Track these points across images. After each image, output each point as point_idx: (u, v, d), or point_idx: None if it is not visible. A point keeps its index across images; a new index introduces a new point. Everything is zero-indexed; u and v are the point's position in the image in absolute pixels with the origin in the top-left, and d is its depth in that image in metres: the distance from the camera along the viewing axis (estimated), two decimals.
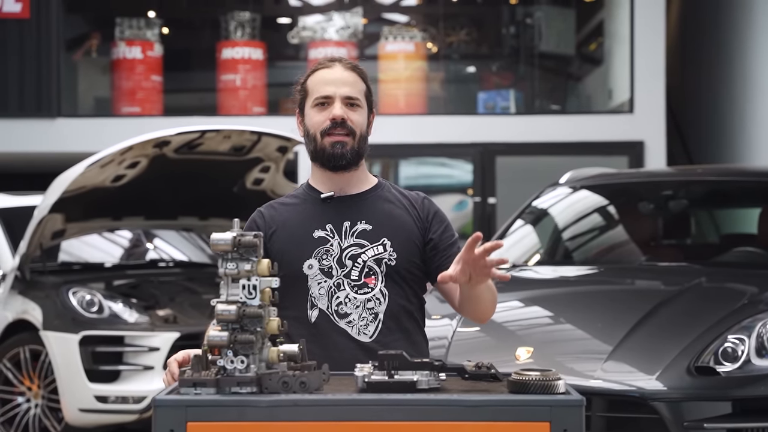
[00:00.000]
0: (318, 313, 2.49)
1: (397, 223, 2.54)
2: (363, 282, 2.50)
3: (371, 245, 2.51)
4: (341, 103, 2.52)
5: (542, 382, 2.04)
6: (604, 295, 4.61)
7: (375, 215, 2.54)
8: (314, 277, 2.49)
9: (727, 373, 3.74)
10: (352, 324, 2.49)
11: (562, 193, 5.60)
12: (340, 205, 2.55)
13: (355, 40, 10.35)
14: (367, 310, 2.49)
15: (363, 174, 2.60)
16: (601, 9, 10.75)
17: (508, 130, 9.77)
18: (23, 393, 6.07)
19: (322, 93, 2.53)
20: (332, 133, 2.51)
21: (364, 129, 2.56)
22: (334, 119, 2.51)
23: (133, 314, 5.98)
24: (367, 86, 2.59)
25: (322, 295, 2.49)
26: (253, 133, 6.19)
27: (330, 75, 2.55)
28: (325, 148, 2.52)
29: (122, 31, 10.17)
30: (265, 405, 2.00)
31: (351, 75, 2.55)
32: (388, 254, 2.51)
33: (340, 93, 2.53)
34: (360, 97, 2.55)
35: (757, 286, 4.32)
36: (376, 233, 2.52)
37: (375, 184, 2.62)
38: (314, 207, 2.55)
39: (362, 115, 2.55)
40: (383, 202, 2.57)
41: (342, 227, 2.52)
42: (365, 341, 2.48)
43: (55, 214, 6.06)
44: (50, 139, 9.74)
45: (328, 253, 2.50)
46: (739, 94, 9.32)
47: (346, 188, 2.57)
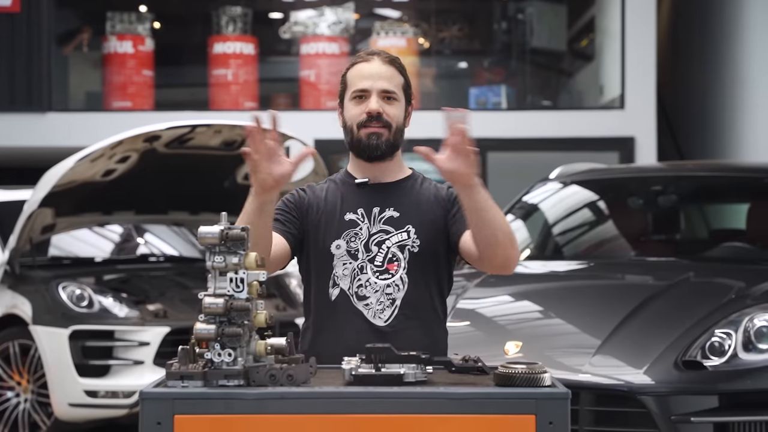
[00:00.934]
0: (339, 292, 2.56)
1: (424, 210, 2.60)
2: (385, 268, 2.55)
3: (396, 231, 2.58)
4: (378, 96, 2.58)
5: (528, 375, 2.06)
6: (594, 289, 4.63)
7: (403, 203, 2.61)
8: (340, 258, 2.56)
9: (714, 368, 3.76)
10: (369, 307, 2.54)
11: (553, 188, 5.61)
12: (372, 191, 2.62)
13: (346, 35, 10.35)
14: (385, 296, 2.54)
15: (397, 165, 2.67)
16: (593, 5, 10.76)
17: (499, 126, 9.79)
18: (12, 388, 6.06)
19: (359, 86, 2.60)
20: (368, 125, 2.58)
21: (401, 121, 2.62)
22: (369, 113, 2.58)
23: (123, 309, 5.97)
24: (405, 79, 2.64)
25: (345, 276, 2.56)
26: (244, 127, 6.18)
27: (368, 69, 2.61)
28: (361, 139, 2.59)
29: (113, 26, 10.16)
30: (252, 398, 2.01)
31: (389, 69, 2.61)
32: (412, 241, 2.57)
33: (376, 87, 2.59)
34: (397, 91, 2.60)
35: (745, 281, 4.35)
36: (402, 220, 2.58)
37: (409, 175, 2.68)
38: (349, 191, 2.63)
39: (399, 108, 2.61)
40: (413, 192, 2.64)
41: (372, 212, 2.60)
42: (380, 325, 2.53)
43: (45, 209, 6.06)
44: (41, 134, 9.72)
45: (356, 236, 2.58)
46: (730, 90, 9.35)
47: (381, 176, 2.64)
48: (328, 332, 2.53)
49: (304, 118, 9.90)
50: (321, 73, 10.14)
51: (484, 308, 4.49)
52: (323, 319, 2.56)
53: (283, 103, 10.73)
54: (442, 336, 2.65)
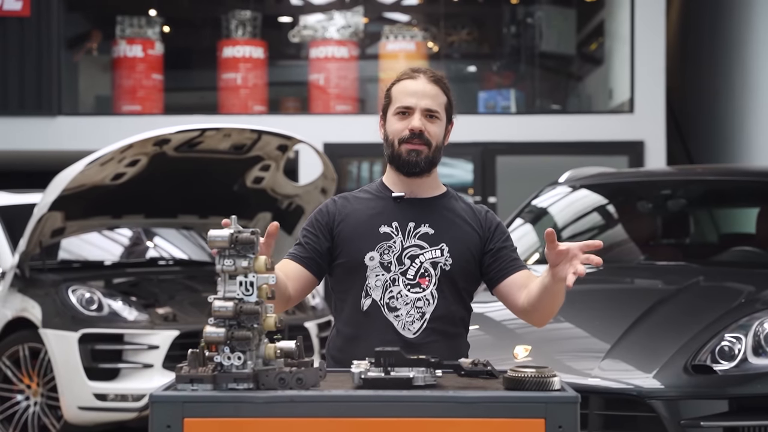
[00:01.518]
0: (370, 302, 2.62)
1: (458, 231, 2.67)
2: (417, 282, 2.62)
3: (430, 248, 2.64)
4: (421, 114, 2.64)
5: (537, 379, 2.06)
6: (603, 293, 4.62)
7: (438, 220, 2.67)
8: (373, 269, 2.63)
9: (723, 372, 3.75)
10: (399, 318, 2.61)
11: (562, 192, 5.61)
12: (408, 206, 2.68)
13: (356, 39, 10.36)
14: (415, 309, 2.61)
15: (434, 181, 2.73)
16: (602, 9, 10.76)
17: (508, 130, 9.79)
18: (22, 391, 6.07)
19: (404, 103, 2.65)
20: (410, 142, 2.64)
21: (441, 140, 2.68)
22: (412, 130, 2.63)
23: (133, 312, 5.98)
24: (448, 99, 2.70)
25: (377, 287, 2.62)
26: (254, 131, 6.20)
27: (413, 86, 2.66)
28: (401, 154, 2.65)
29: (123, 30, 10.19)
30: (261, 401, 2.01)
31: (433, 88, 2.66)
32: (445, 259, 2.63)
33: (421, 105, 2.64)
34: (440, 110, 2.66)
35: (755, 285, 4.33)
36: (436, 237, 2.65)
37: (444, 192, 2.75)
38: (384, 204, 2.69)
39: (440, 127, 2.67)
40: (448, 210, 2.70)
41: (407, 227, 2.65)
42: (409, 337, 2.59)
43: (55, 212, 6.07)
44: (50, 137, 9.75)
45: (390, 249, 2.63)
46: (739, 94, 9.33)
47: (417, 191, 2.70)
48: (359, 340, 2.60)
49: (313, 121, 9.91)
50: (330, 76, 10.16)
51: (493, 312, 4.48)
52: (354, 328, 2.63)
53: (292, 106, 10.75)
54: (465, 350, 2.73)
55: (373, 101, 10.47)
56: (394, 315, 2.61)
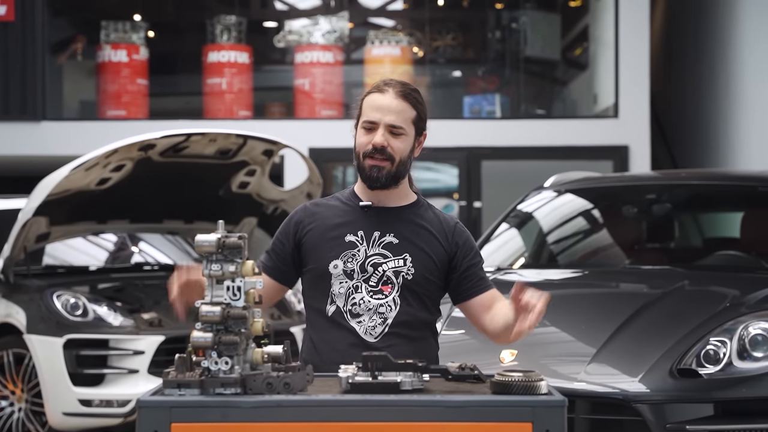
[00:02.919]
0: (335, 309, 2.65)
1: (422, 242, 2.69)
2: (379, 288, 2.65)
3: (393, 257, 2.67)
4: (384, 130, 2.65)
5: (525, 383, 2.06)
6: (588, 298, 4.63)
7: (403, 231, 2.69)
8: (337, 277, 2.66)
9: (709, 376, 3.76)
10: (362, 324, 2.63)
11: (547, 196, 5.62)
12: (375, 215, 2.71)
13: (341, 44, 10.37)
14: (378, 315, 2.64)
15: (403, 190, 2.74)
16: (586, 14, 10.80)
17: (493, 134, 9.81)
18: (6, 397, 6.04)
19: (369, 117, 2.67)
20: (372, 156, 2.65)
21: (405, 154, 2.68)
22: (374, 146, 2.65)
23: (118, 318, 5.96)
24: (418, 112, 2.69)
25: (341, 294, 2.65)
26: (239, 136, 6.19)
27: (380, 101, 2.67)
28: (364, 168, 2.68)
29: (108, 35, 10.16)
30: (249, 406, 2.01)
31: (400, 103, 2.66)
32: (407, 269, 2.66)
33: (385, 121, 2.65)
34: (404, 126, 2.66)
35: (739, 289, 4.35)
36: (400, 247, 2.67)
37: (413, 202, 2.76)
38: (352, 213, 2.71)
39: (405, 142, 2.67)
40: (415, 220, 2.72)
41: (372, 236, 2.68)
42: (370, 341, 2.62)
43: (40, 217, 6.04)
44: (35, 142, 9.71)
45: (354, 258, 2.66)
46: (723, 99, 9.38)
47: (384, 201, 2.72)
48: (324, 344, 2.65)
49: (298, 126, 9.91)
50: (315, 81, 10.16)
51: None
52: (320, 332, 2.67)
53: (277, 111, 10.75)
54: (432, 352, 2.73)
55: None
56: (356, 321, 2.64)
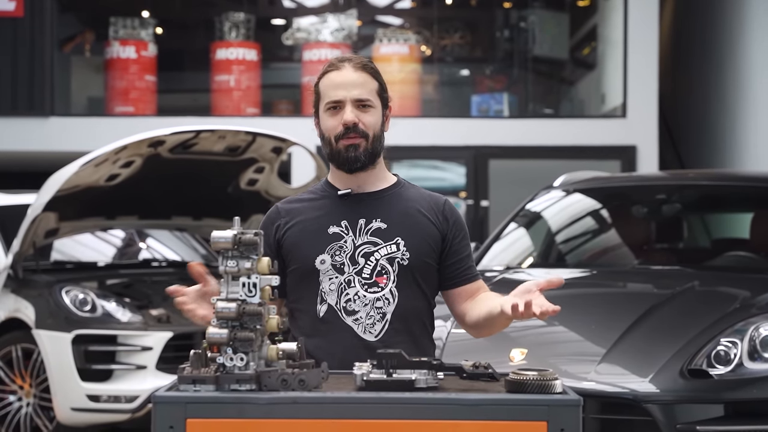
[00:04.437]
0: (326, 308, 2.49)
1: (413, 222, 2.53)
2: (374, 281, 2.48)
3: (385, 244, 2.50)
4: (352, 106, 2.50)
5: (539, 382, 2.06)
6: (598, 297, 4.63)
7: (391, 214, 2.53)
8: (326, 273, 2.49)
9: (719, 376, 3.76)
10: (359, 322, 2.47)
11: (556, 196, 5.61)
12: (356, 202, 2.54)
13: (349, 42, 10.37)
14: (375, 309, 2.48)
15: (381, 172, 2.59)
16: (595, 13, 10.79)
17: (501, 134, 9.80)
18: (15, 392, 6.05)
19: (332, 98, 2.51)
20: (346, 137, 2.50)
21: (378, 128, 2.53)
22: (346, 124, 2.50)
23: (126, 313, 5.97)
24: (379, 83, 2.55)
25: (332, 291, 2.49)
26: (248, 133, 6.19)
27: (339, 77, 2.51)
28: (340, 151, 2.51)
29: (116, 31, 10.17)
30: (264, 402, 2.01)
31: (361, 75, 2.52)
32: (401, 253, 2.49)
33: (350, 96, 2.50)
34: (371, 98, 2.52)
35: (750, 290, 4.35)
36: (390, 232, 2.51)
37: (394, 183, 2.60)
38: (331, 203, 2.55)
39: (375, 115, 2.53)
40: (400, 201, 2.56)
41: (357, 224, 2.52)
42: (370, 340, 2.47)
43: (49, 213, 6.06)
44: (43, 138, 9.73)
45: (341, 250, 2.50)
46: (731, 99, 9.36)
47: (364, 186, 2.56)
48: (318, 348, 2.42)
49: (306, 124, 9.85)
50: None
51: None
52: (312, 337, 2.45)
53: (285, 109, 10.75)
54: (430, 348, 2.59)
55: None
56: (353, 319, 2.47)
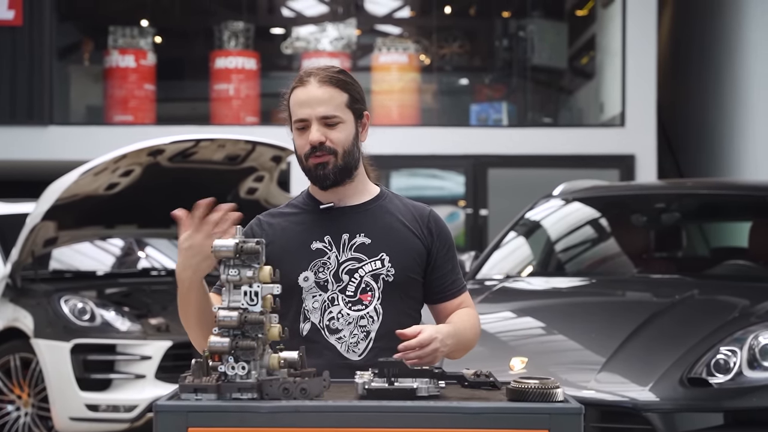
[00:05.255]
0: (310, 326, 2.43)
1: (398, 236, 2.46)
2: (358, 298, 2.42)
3: (369, 260, 2.43)
4: (318, 124, 2.42)
5: (541, 390, 2.05)
6: (598, 306, 4.63)
7: (374, 228, 2.46)
8: (309, 290, 2.43)
9: (719, 385, 3.76)
10: (342, 340, 2.42)
11: (555, 205, 5.62)
12: (339, 216, 2.47)
13: (348, 51, 10.39)
14: (359, 328, 2.42)
15: (361, 184, 2.51)
16: (593, 23, 10.81)
17: (500, 143, 9.81)
18: (13, 401, 6.04)
19: (298, 116, 2.44)
20: (314, 156, 2.43)
21: (348, 143, 2.44)
22: (312, 144, 2.42)
23: (126, 322, 5.97)
24: (350, 94, 2.46)
25: (315, 309, 2.43)
26: (248, 142, 6.20)
27: (304, 94, 2.43)
28: (310, 169, 2.45)
29: (115, 40, 10.18)
30: (265, 411, 2.00)
31: (326, 90, 2.42)
32: (386, 269, 2.43)
33: (315, 114, 2.42)
34: (338, 113, 2.43)
35: (749, 299, 4.35)
36: (374, 247, 2.44)
37: (377, 195, 2.53)
38: (313, 218, 2.48)
39: (343, 131, 2.44)
40: (384, 214, 2.49)
41: (341, 240, 2.45)
42: (354, 359, 2.41)
43: (48, 222, 6.05)
44: (42, 147, 9.73)
45: (325, 266, 2.43)
46: (729, 108, 9.38)
47: (345, 199, 2.49)
48: None
49: None
50: None
51: (487, 324, 4.47)
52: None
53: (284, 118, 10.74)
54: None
55: None
56: (336, 337, 2.41)
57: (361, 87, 2.51)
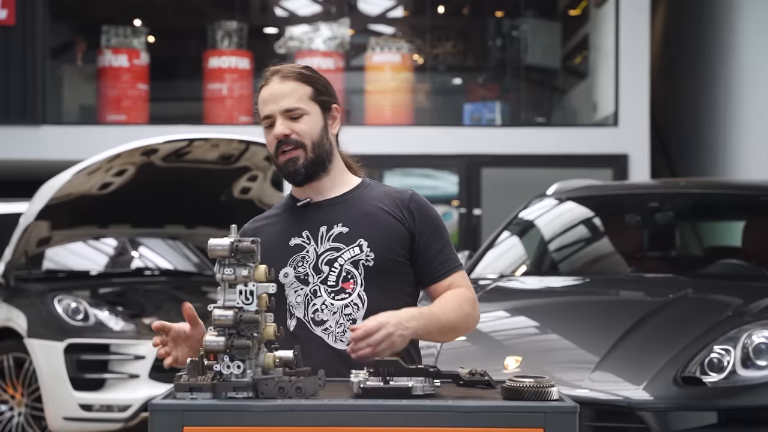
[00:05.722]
0: (296, 322, 2.43)
1: (375, 221, 2.44)
2: (340, 287, 2.41)
3: (347, 247, 2.42)
4: (282, 118, 2.43)
5: (536, 389, 2.06)
6: (591, 305, 4.64)
7: (352, 217, 2.45)
8: (290, 285, 2.43)
9: (713, 384, 3.77)
10: (328, 331, 2.42)
11: (549, 204, 5.63)
12: (317, 210, 2.48)
13: (341, 50, 10.38)
14: (344, 317, 2.41)
15: (339, 176, 2.51)
16: (587, 23, 10.82)
17: (493, 142, 9.82)
18: (6, 401, 6.04)
19: (264, 113, 2.46)
20: (283, 151, 2.44)
21: (317, 134, 2.45)
22: (277, 138, 2.44)
23: (119, 322, 5.96)
24: (314, 87, 2.46)
25: (299, 303, 2.43)
26: (242, 141, 6.20)
27: (267, 92, 2.45)
28: (281, 166, 2.47)
29: (108, 39, 10.16)
30: (261, 410, 2.01)
31: (288, 85, 2.44)
32: (365, 255, 2.42)
33: (278, 109, 2.43)
34: (301, 105, 2.44)
35: (742, 298, 4.36)
36: (352, 235, 2.43)
37: (357, 185, 2.53)
38: (292, 216, 2.50)
39: (309, 122, 2.44)
40: (363, 202, 2.48)
41: (318, 232, 2.45)
42: (342, 348, 2.39)
43: (41, 222, 6.05)
44: (35, 147, 9.71)
45: (303, 260, 2.44)
46: (722, 107, 9.40)
47: (323, 193, 2.50)
48: None
49: None
50: None
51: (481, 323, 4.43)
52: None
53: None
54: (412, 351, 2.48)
55: (359, 113, 10.49)
56: (322, 329, 2.41)
57: (327, 81, 2.52)
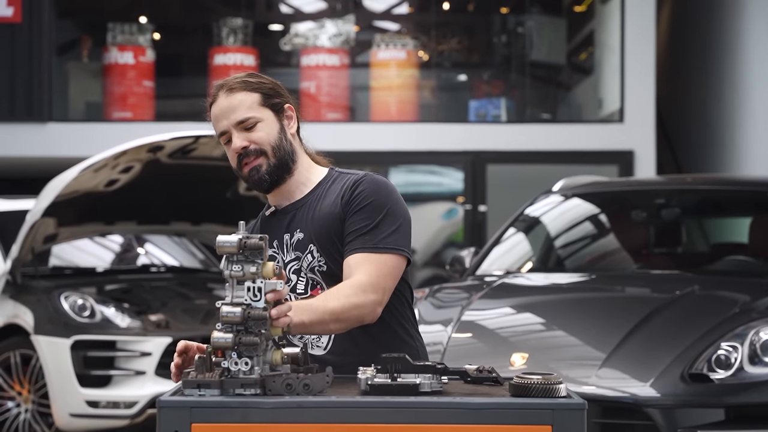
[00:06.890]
0: None
1: (323, 222, 2.42)
2: (309, 295, 2.41)
3: (303, 255, 2.43)
4: (237, 131, 2.43)
5: (544, 386, 2.06)
6: (598, 302, 4.63)
7: (306, 220, 2.45)
8: None
9: (720, 380, 3.77)
10: (303, 338, 2.41)
11: (555, 200, 5.62)
12: (282, 218, 2.49)
13: (347, 47, 10.37)
14: None
15: (304, 175, 2.50)
16: (592, 19, 10.80)
17: (498, 139, 9.81)
18: (13, 398, 6.05)
19: (219, 131, 2.46)
20: (244, 162, 2.44)
21: (275, 138, 2.45)
22: (237, 152, 2.44)
23: (125, 319, 5.97)
24: (262, 92, 2.45)
25: None
26: None
27: (217, 109, 2.45)
28: (246, 177, 2.46)
29: (114, 36, 10.16)
30: (268, 407, 2.01)
31: (234, 98, 2.43)
32: (317, 261, 2.42)
33: (231, 123, 2.43)
34: (253, 114, 2.42)
35: (749, 295, 4.36)
36: (305, 241, 2.43)
37: (321, 181, 2.50)
38: (265, 225, 2.52)
39: (264, 128, 2.44)
40: (315, 203, 2.46)
41: (283, 241, 2.46)
42: (320, 354, 2.41)
43: (48, 219, 6.05)
44: (41, 144, 9.72)
45: None
46: (728, 103, 9.38)
47: (289, 197, 2.49)
48: None
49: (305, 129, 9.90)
50: (321, 84, 10.16)
51: (487, 320, 4.49)
52: None
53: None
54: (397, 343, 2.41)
55: (364, 110, 10.48)
56: (298, 337, 2.40)
57: (275, 83, 2.50)
